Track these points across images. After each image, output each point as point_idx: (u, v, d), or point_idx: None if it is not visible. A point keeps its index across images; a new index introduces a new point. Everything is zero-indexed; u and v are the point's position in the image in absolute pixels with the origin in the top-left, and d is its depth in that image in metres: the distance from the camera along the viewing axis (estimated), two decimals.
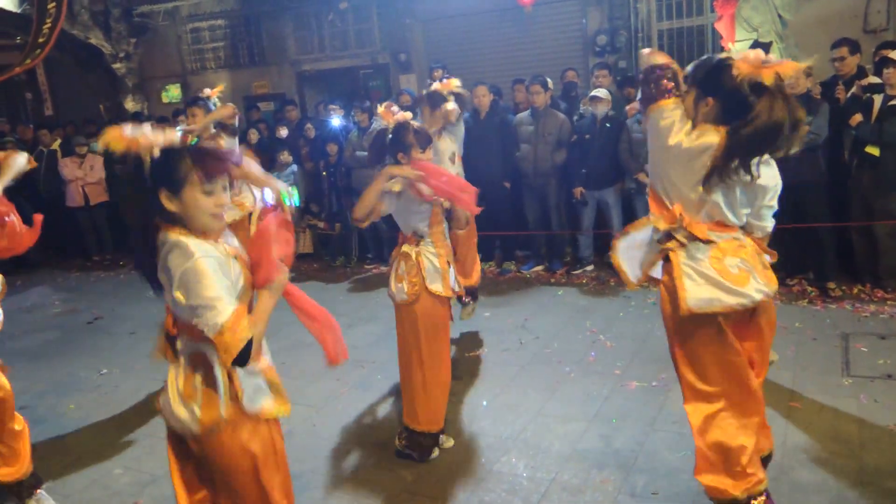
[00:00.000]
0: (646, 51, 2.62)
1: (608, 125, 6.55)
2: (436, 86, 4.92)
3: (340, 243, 8.32)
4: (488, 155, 6.94)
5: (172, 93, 11.77)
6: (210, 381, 2.18)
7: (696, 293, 2.51)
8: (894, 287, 5.52)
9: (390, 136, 3.65)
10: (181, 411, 2.20)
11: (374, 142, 3.78)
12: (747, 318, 2.69)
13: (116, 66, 11.38)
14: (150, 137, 1.99)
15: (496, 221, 7.05)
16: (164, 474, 3.89)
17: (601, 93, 6.54)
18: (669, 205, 2.60)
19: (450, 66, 8.50)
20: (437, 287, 3.69)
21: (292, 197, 2.11)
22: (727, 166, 2.38)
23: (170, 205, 2.00)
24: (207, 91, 5.40)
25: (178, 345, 2.24)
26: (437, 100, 4.82)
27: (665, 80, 2.49)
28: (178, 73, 11.76)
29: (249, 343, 2.01)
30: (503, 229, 7.16)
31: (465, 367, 4.98)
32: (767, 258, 2.71)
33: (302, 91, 11.13)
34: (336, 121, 8.10)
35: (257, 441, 2.27)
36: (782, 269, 6.01)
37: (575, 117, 6.95)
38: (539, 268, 7.18)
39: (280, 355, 5.47)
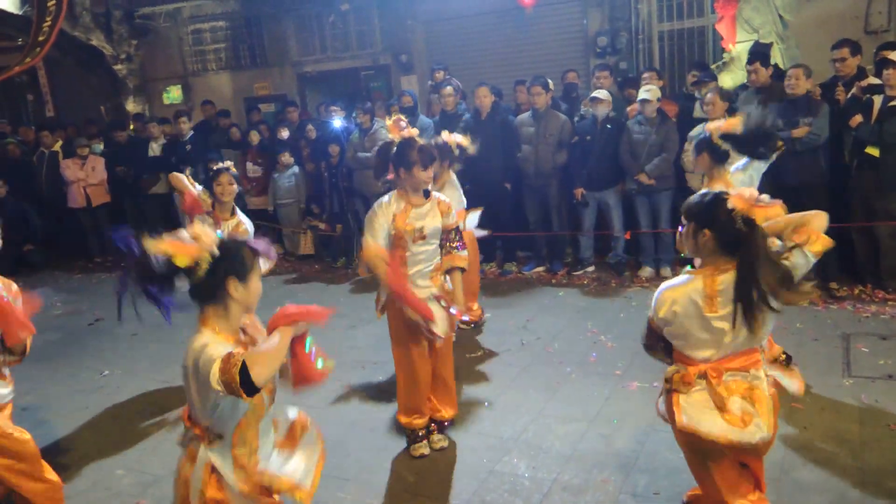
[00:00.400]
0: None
1: (609, 126, 6.56)
2: (447, 138, 4.90)
3: (342, 244, 8.33)
4: (489, 156, 6.93)
5: (174, 94, 11.78)
6: (187, 477, 2.28)
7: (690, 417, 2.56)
8: (895, 288, 5.52)
9: (395, 150, 3.68)
10: (174, 488, 2.35)
11: (379, 154, 3.82)
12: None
13: (118, 67, 11.39)
14: (206, 239, 2.16)
15: (497, 222, 7.05)
16: (166, 475, 3.91)
17: (602, 94, 6.55)
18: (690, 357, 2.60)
19: (451, 68, 8.53)
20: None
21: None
22: (749, 300, 2.41)
23: (235, 292, 2.18)
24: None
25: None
26: (445, 152, 4.79)
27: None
28: (180, 74, 11.78)
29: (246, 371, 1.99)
30: (504, 230, 7.16)
31: (467, 368, 4.99)
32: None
33: (303, 92, 11.14)
34: (337, 122, 8.11)
35: None
36: None
37: (576, 118, 6.95)
38: (540, 269, 7.19)
39: None
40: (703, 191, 2.68)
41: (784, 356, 4.39)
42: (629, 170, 6.51)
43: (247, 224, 4.60)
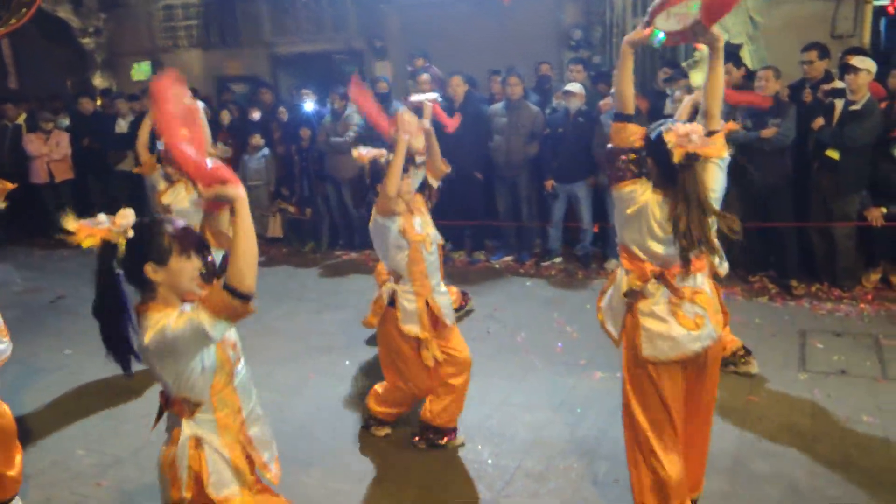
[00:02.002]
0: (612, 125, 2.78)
1: (581, 119, 6.61)
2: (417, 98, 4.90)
3: (311, 228, 8.29)
4: (461, 145, 6.94)
5: (142, 70, 11.55)
6: (173, 457, 2.24)
7: (652, 346, 2.76)
8: (850, 286, 5.69)
9: (368, 178, 3.74)
10: (160, 483, 2.31)
11: (357, 187, 3.90)
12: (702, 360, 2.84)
13: (85, 40, 11.12)
14: (121, 221, 2.10)
15: (467, 211, 7.10)
16: (128, 456, 3.90)
17: (574, 87, 6.59)
18: (642, 258, 2.77)
19: (429, 54, 8.48)
20: (412, 328, 3.67)
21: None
22: (688, 233, 2.57)
23: (155, 276, 2.13)
24: None
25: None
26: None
27: (623, 164, 2.71)
28: (149, 50, 11.53)
29: (237, 292, 2.01)
30: (474, 219, 7.20)
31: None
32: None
33: (275, 74, 11.01)
34: (309, 105, 8.05)
35: None
36: (745, 267, 6.17)
37: (547, 111, 7.00)
38: (508, 258, 7.25)
39: (248, 340, 5.47)
40: (661, 121, 2.77)
41: (743, 350, 4.52)
42: (601, 164, 6.57)
43: None
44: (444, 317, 3.72)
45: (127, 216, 2.12)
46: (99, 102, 9.82)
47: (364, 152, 3.81)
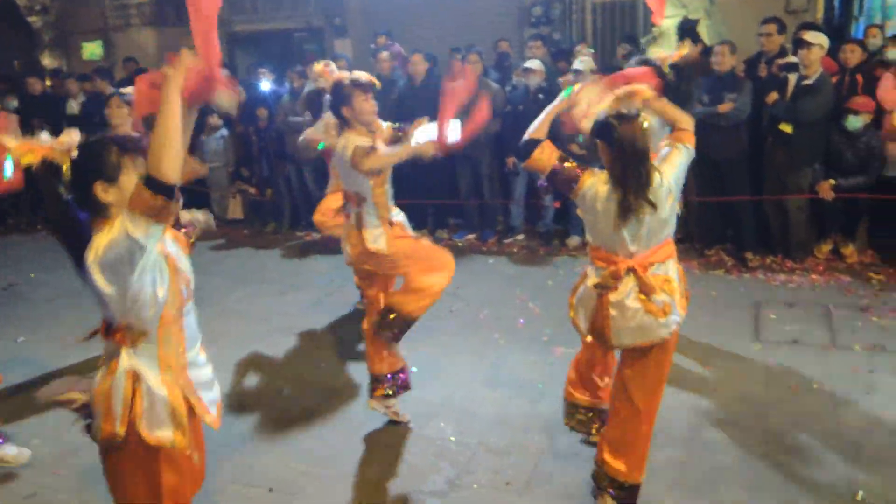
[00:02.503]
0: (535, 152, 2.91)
1: (541, 96, 6.61)
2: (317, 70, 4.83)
3: (272, 209, 8.20)
4: None
5: (93, 50, 11.22)
6: (108, 388, 2.14)
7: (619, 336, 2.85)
8: (802, 258, 5.83)
9: (329, 96, 3.61)
10: (94, 415, 2.20)
11: (308, 101, 3.77)
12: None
13: (32, 19, 10.76)
14: (66, 140, 2.00)
15: (429, 189, 7.07)
16: (86, 444, 3.80)
17: (534, 64, 6.59)
18: (613, 255, 2.84)
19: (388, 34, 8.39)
20: (378, 245, 3.63)
21: None
22: (626, 203, 2.68)
23: (106, 196, 2.01)
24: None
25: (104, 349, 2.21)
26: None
27: (568, 172, 2.86)
28: (100, 28, 11.20)
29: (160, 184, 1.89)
30: (436, 197, 7.19)
31: None
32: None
33: (233, 53, 10.79)
34: (265, 85, 7.91)
35: (142, 473, 2.19)
36: (701, 241, 6.27)
37: (507, 88, 6.98)
38: (471, 236, 7.26)
39: (209, 323, 5.40)
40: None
41: None
42: (561, 140, 6.58)
43: None
44: (408, 231, 3.76)
45: (72, 134, 2.02)
46: (48, 83, 9.51)
47: (331, 69, 3.71)
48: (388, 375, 3.83)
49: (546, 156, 2.87)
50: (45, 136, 2.00)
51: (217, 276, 6.42)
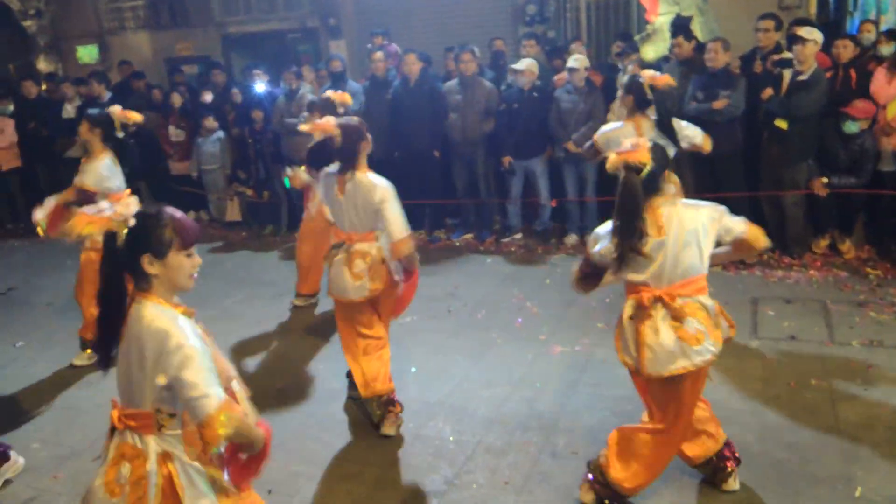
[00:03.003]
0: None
1: (535, 94, 6.61)
2: (331, 94, 4.89)
3: (269, 211, 8.19)
4: (418, 123, 6.92)
5: (89, 53, 11.21)
6: (140, 476, 2.12)
7: (654, 364, 2.82)
8: (800, 254, 5.84)
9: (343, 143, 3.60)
10: None
11: (317, 150, 3.76)
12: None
13: (27, 23, 10.75)
14: (123, 212, 2.06)
15: (425, 189, 7.07)
16: (84, 448, 3.84)
17: (522, 64, 6.53)
18: (642, 286, 2.85)
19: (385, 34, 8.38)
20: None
21: None
22: (621, 252, 2.73)
23: (151, 269, 2.08)
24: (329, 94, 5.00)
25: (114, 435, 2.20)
26: (329, 108, 4.76)
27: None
28: (96, 32, 11.20)
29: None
30: (432, 197, 7.19)
31: (394, 335, 5.01)
32: (724, 324, 2.90)
33: (228, 54, 10.79)
34: (260, 86, 7.91)
35: None
36: None
37: (503, 87, 6.98)
38: (468, 236, 7.26)
39: (207, 325, 5.40)
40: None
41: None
42: (557, 137, 6.60)
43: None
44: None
45: (130, 205, 2.08)
46: (44, 87, 9.50)
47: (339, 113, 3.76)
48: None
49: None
50: (105, 204, 2.07)
51: (214, 279, 6.41)
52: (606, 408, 3.88)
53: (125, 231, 2.06)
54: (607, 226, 2.86)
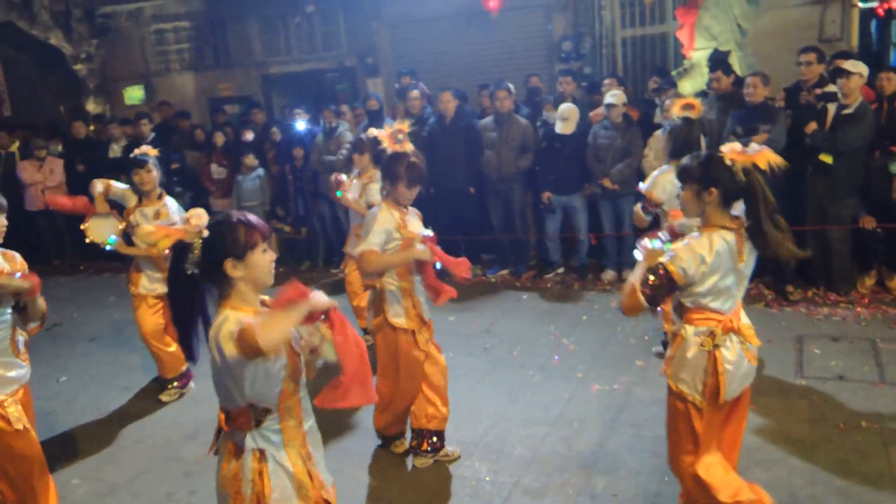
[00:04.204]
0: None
1: (576, 131, 6.62)
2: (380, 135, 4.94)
3: (306, 248, 8.28)
4: (454, 159, 6.97)
5: (135, 94, 11.59)
6: (237, 472, 2.21)
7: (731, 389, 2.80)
8: (846, 290, 5.67)
9: (386, 159, 3.65)
10: (218, 500, 2.28)
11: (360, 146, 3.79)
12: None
13: (77, 67, 11.16)
14: (197, 223, 2.17)
15: (462, 225, 7.09)
16: (124, 484, 3.87)
17: (566, 113, 6.54)
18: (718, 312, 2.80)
19: (416, 71, 8.52)
20: (399, 321, 3.67)
21: None
22: (762, 246, 2.68)
23: (235, 272, 2.17)
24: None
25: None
26: (373, 146, 4.82)
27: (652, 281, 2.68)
28: (142, 74, 11.59)
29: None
30: (469, 233, 7.20)
31: None
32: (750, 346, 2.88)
33: (268, 94, 11.05)
34: (301, 125, 8.06)
35: None
36: None
37: (538, 123, 7.00)
38: (504, 272, 7.23)
39: None
40: (695, 153, 2.87)
41: None
42: (594, 174, 6.58)
43: (170, 206, 4.71)
44: (424, 313, 3.73)
45: (201, 216, 2.19)
46: (92, 128, 9.83)
47: (400, 138, 3.76)
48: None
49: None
50: (176, 217, 2.22)
51: None
52: (646, 448, 3.78)
53: (200, 242, 2.15)
54: (686, 242, 2.71)
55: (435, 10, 9.41)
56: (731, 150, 2.68)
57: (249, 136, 8.43)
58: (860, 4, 7.87)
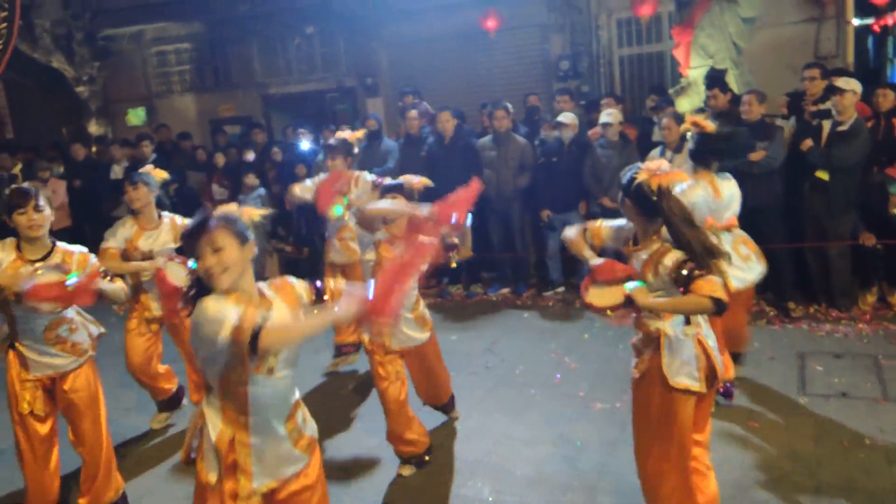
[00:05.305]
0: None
1: (574, 148, 6.66)
2: (341, 134, 5.09)
3: (308, 268, 8.29)
4: (453, 179, 6.94)
5: (137, 116, 11.68)
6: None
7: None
8: (848, 306, 5.67)
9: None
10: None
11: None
12: None
13: (80, 89, 11.25)
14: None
15: None
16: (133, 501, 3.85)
17: (566, 118, 6.62)
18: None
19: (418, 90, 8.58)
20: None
21: None
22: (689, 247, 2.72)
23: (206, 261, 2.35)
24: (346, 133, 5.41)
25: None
26: (347, 148, 5.22)
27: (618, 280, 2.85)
28: (144, 96, 11.69)
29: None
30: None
31: None
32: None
33: (268, 114, 11.13)
34: (305, 144, 8.11)
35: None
36: None
37: (536, 142, 7.04)
38: (505, 290, 7.23)
39: None
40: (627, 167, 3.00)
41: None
42: (593, 192, 6.61)
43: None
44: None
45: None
46: (94, 149, 9.89)
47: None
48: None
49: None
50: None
51: None
52: None
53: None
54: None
55: (434, 31, 9.51)
56: (645, 168, 2.80)
57: (250, 156, 8.47)
58: (855, 22, 7.95)
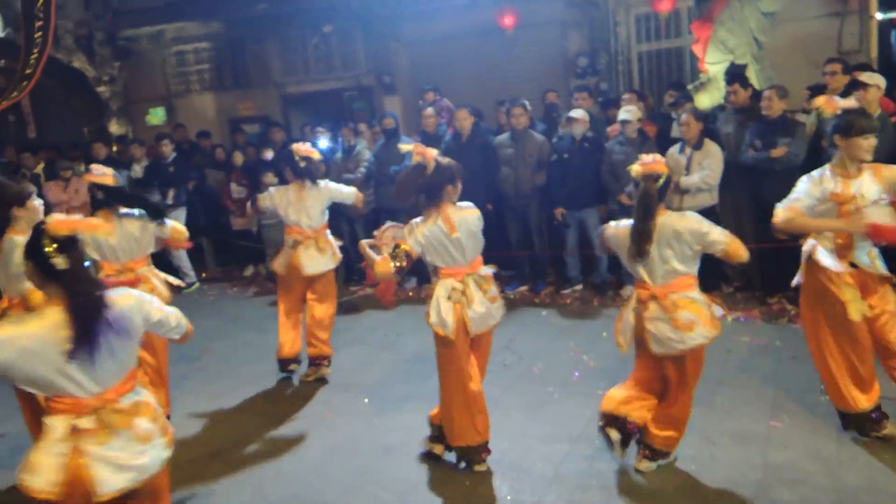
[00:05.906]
0: None
1: (587, 145, 6.62)
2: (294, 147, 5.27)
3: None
4: (471, 177, 6.93)
5: (157, 115, 11.79)
6: None
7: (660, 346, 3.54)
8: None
9: (431, 177, 3.77)
10: None
11: (409, 177, 3.79)
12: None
13: (101, 89, 11.39)
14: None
15: None
16: None
17: (577, 113, 6.58)
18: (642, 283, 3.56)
19: (436, 89, 8.58)
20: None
21: None
22: (634, 249, 3.45)
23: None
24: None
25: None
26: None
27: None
28: (163, 95, 11.80)
29: None
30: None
31: None
32: (717, 309, 3.55)
33: (286, 113, 11.19)
34: (323, 142, 8.13)
35: None
36: (763, 289, 6.09)
37: (554, 139, 7.01)
38: (523, 288, 7.22)
39: (264, 378, 5.46)
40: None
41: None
42: (611, 190, 6.56)
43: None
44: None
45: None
46: (115, 149, 10.00)
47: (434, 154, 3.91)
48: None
49: None
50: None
51: (271, 333, 6.50)
52: (668, 467, 3.74)
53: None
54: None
55: (451, 29, 9.50)
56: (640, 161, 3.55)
57: (269, 154, 8.52)
58: (879, 16, 7.83)
